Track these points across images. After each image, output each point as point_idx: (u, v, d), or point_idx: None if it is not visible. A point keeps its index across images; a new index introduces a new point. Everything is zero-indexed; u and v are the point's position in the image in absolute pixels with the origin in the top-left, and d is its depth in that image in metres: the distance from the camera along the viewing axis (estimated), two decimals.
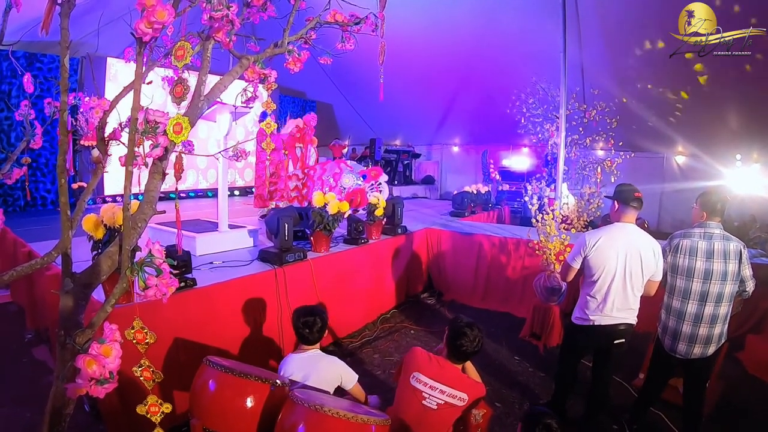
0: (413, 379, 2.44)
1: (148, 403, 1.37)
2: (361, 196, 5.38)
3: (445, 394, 2.37)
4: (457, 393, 2.37)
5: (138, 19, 1.19)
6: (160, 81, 1.75)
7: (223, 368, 2.26)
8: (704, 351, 2.94)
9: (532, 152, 11.77)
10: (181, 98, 1.33)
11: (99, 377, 1.05)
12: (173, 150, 1.32)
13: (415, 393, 2.42)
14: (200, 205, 8.07)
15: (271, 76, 1.79)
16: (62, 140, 1.27)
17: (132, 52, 1.88)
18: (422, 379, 2.41)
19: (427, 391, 2.39)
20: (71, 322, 1.16)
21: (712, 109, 7.94)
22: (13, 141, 7.19)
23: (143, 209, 1.25)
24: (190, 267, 3.33)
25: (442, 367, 2.44)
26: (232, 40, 1.60)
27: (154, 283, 1.11)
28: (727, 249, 2.87)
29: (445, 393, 2.37)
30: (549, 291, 4.53)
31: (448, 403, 2.36)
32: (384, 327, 5.08)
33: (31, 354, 4.01)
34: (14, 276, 1.43)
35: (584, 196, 6.09)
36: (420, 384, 2.41)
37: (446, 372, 2.43)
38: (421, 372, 2.44)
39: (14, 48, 6.08)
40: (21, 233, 4.95)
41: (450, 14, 8.49)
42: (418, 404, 2.40)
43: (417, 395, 2.41)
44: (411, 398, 2.43)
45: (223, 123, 4.46)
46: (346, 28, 2.05)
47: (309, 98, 13.35)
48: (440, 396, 2.37)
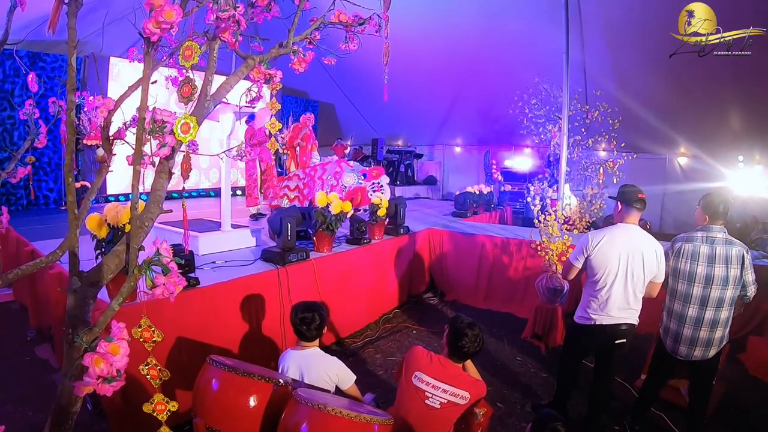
0: (415, 378, 2.44)
1: (154, 401, 1.37)
2: (362, 194, 5.39)
3: (447, 393, 2.37)
4: (460, 392, 2.37)
5: (146, 19, 1.19)
6: (164, 80, 1.76)
7: (226, 367, 2.26)
8: (705, 353, 2.94)
9: (534, 153, 11.76)
10: (189, 98, 1.33)
11: (107, 375, 1.05)
12: (179, 150, 1.33)
13: (417, 392, 2.42)
14: (203, 205, 8.08)
15: (277, 77, 1.79)
16: (70, 139, 1.28)
17: (136, 51, 1.89)
18: (425, 379, 2.42)
19: (430, 390, 2.39)
20: (78, 320, 1.17)
21: (715, 111, 7.94)
22: (16, 140, 7.22)
23: (150, 208, 1.25)
24: (193, 266, 3.34)
25: (444, 366, 2.45)
26: (238, 41, 1.60)
27: (161, 281, 1.11)
28: (729, 254, 2.87)
29: (448, 392, 2.37)
30: (551, 292, 4.53)
31: (451, 402, 2.37)
32: (386, 327, 5.08)
33: (33, 352, 4.02)
34: (19, 275, 1.43)
35: (586, 197, 6.10)
36: (422, 384, 2.42)
37: (448, 371, 2.43)
38: (423, 371, 2.44)
39: (18, 47, 6.07)
40: (24, 232, 4.96)
41: (453, 15, 8.50)
42: (421, 404, 2.40)
43: (419, 394, 2.41)
44: (413, 397, 2.43)
45: (226, 123, 4.46)
46: (350, 28, 2.06)
47: (312, 98, 13.37)
48: (443, 395, 2.37)
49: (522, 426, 3.35)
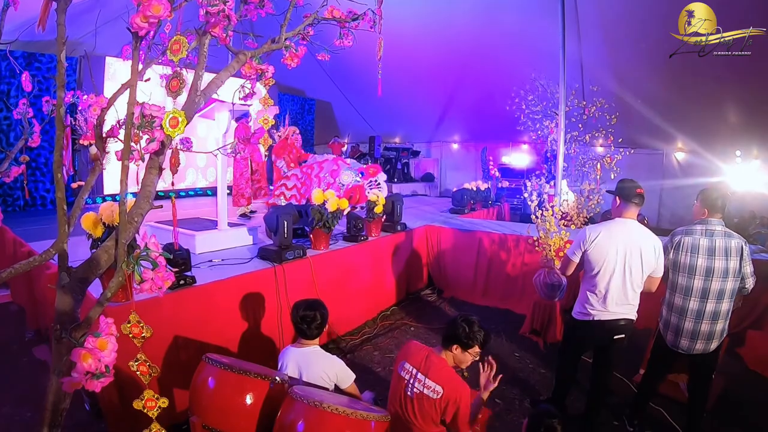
0: (401, 367, 2.45)
1: (144, 398, 1.36)
2: (360, 193, 5.38)
3: (422, 384, 2.34)
4: (433, 384, 2.32)
5: (133, 14, 1.18)
6: (159, 79, 1.74)
7: (222, 365, 2.26)
8: (707, 347, 2.94)
9: (531, 149, 11.75)
10: (177, 92, 1.32)
11: (95, 371, 1.05)
12: (170, 145, 1.32)
13: (400, 381, 2.42)
14: (199, 204, 8.06)
15: (268, 72, 1.78)
16: (59, 135, 1.27)
17: (130, 49, 1.87)
18: (407, 368, 2.41)
19: (409, 379, 2.39)
20: (67, 316, 1.16)
21: (712, 106, 7.93)
22: (12, 141, 7.18)
23: (140, 204, 1.24)
24: (190, 265, 3.32)
25: (428, 358, 2.40)
26: (229, 36, 1.59)
27: (150, 276, 1.10)
28: (728, 246, 2.87)
29: (422, 383, 2.34)
30: (549, 287, 4.53)
31: (424, 394, 2.33)
32: (384, 324, 5.08)
33: (31, 353, 4.01)
34: (12, 273, 1.42)
35: (584, 192, 6.08)
36: (405, 372, 2.41)
37: (431, 363, 2.38)
38: (408, 361, 2.43)
39: (13, 48, 6.06)
40: (20, 233, 4.95)
41: (449, 11, 8.48)
42: (402, 392, 2.40)
43: (401, 383, 2.41)
44: (397, 387, 2.44)
45: (221, 121, 4.45)
46: (344, 24, 2.05)
47: (308, 96, 13.35)
48: (417, 385, 2.35)
49: (521, 422, 3.35)
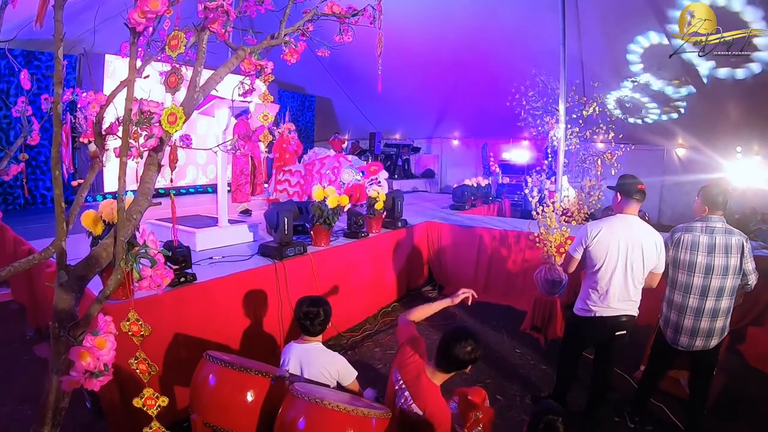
0: (394, 375, 2.36)
1: (144, 396, 1.36)
2: (360, 191, 5.37)
3: (408, 401, 2.24)
4: (416, 408, 2.20)
5: (131, 9, 1.17)
6: (158, 77, 1.73)
7: (223, 363, 2.25)
8: (706, 344, 2.93)
9: (532, 145, 11.73)
10: (175, 88, 1.31)
11: (93, 370, 1.04)
12: (168, 142, 1.31)
13: (392, 387, 2.35)
14: (200, 201, 8.05)
15: (268, 68, 1.77)
16: (56, 132, 1.26)
17: (128, 46, 1.86)
18: (398, 378, 2.33)
19: (398, 390, 2.30)
20: (66, 314, 1.15)
21: (713, 102, 7.91)
22: (12, 139, 7.17)
23: (138, 201, 1.23)
24: (190, 262, 3.32)
25: (419, 379, 2.26)
26: (228, 32, 1.58)
27: (148, 273, 1.10)
28: (729, 243, 2.85)
29: (408, 401, 2.24)
30: (550, 283, 4.53)
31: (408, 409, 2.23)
32: (385, 320, 5.08)
33: (32, 352, 4.01)
34: (12, 272, 1.42)
35: (584, 188, 6.08)
36: (396, 381, 2.33)
37: (420, 387, 2.24)
38: (400, 371, 2.33)
39: (12, 46, 6.02)
40: (21, 231, 4.94)
41: (448, 6, 8.45)
42: (393, 398, 2.33)
43: (393, 389, 2.35)
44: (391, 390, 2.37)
45: (221, 118, 4.44)
46: (344, 20, 2.03)
47: (308, 93, 13.32)
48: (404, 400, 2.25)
49: (522, 419, 3.35)
